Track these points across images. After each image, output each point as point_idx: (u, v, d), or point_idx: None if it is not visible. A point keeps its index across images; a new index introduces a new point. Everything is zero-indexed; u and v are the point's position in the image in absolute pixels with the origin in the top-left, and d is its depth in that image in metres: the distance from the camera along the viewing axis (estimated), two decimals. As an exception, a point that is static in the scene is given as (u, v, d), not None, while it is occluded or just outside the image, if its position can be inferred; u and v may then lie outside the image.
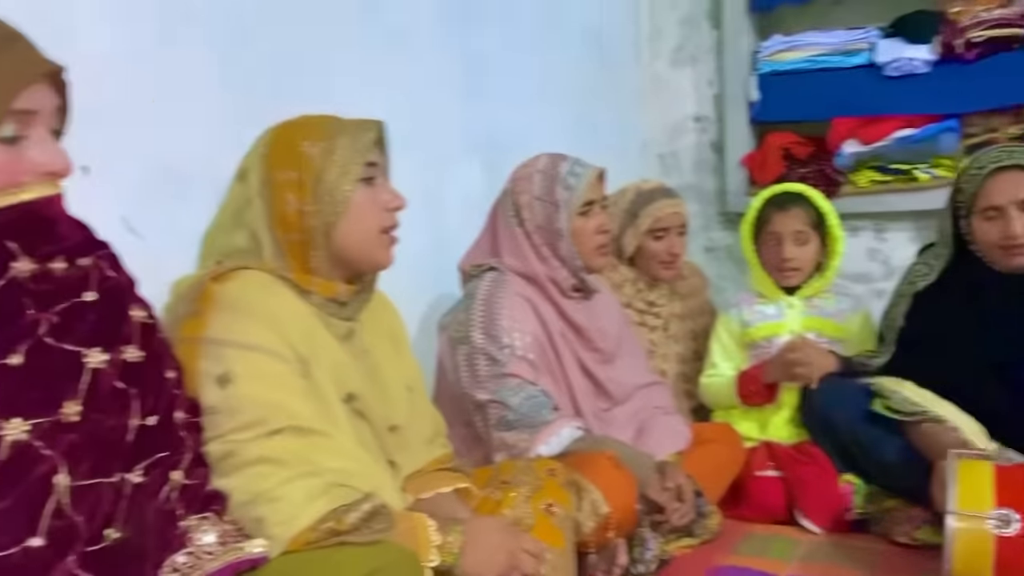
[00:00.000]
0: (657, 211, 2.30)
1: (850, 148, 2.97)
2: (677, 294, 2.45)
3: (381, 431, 1.31)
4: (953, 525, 1.52)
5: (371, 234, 1.27)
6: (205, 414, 1.09)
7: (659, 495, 1.80)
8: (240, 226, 1.24)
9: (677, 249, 2.32)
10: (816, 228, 2.25)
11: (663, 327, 2.40)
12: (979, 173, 1.91)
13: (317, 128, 1.25)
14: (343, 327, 1.28)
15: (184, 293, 1.18)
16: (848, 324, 2.28)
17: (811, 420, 2.12)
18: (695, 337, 2.48)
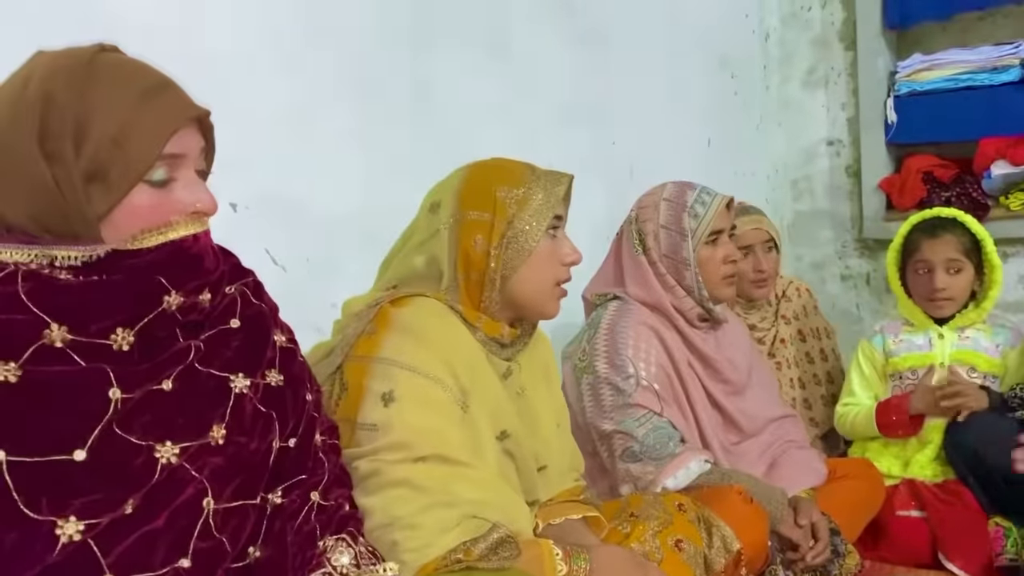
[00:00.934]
0: (738, 228, 2.23)
1: (999, 169, 2.81)
2: (781, 317, 2.37)
3: (529, 471, 1.33)
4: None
5: (547, 284, 1.30)
6: (364, 429, 1.14)
7: (792, 532, 1.73)
8: (423, 253, 1.30)
9: (764, 266, 2.25)
10: (970, 256, 2.12)
11: (768, 352, 2.33)
12: None
13: (513, 175, 1.30)
14: (502, 365, 1.32)
15: (360, 313, 1.25)
16: (1004, 359, 2.13)
17: (959, 457, 1.99)
18: (811, 360, 2.40)
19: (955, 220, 2.15)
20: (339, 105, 1.69)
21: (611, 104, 2.41)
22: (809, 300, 2.50)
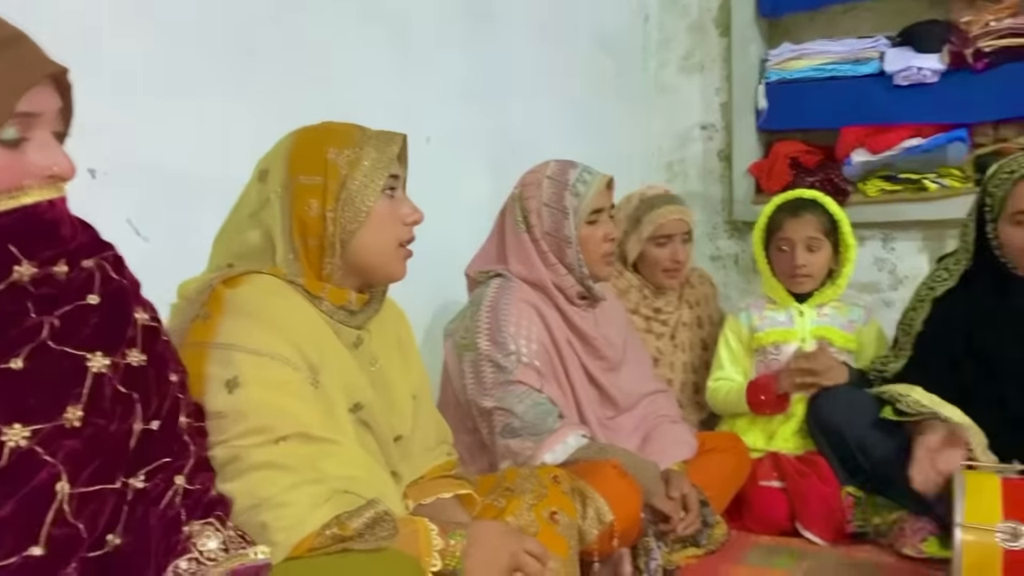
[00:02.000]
0: (660, 217, 2.29)
1: (859, 157, 2.96)
2: (685, 302, 2.44)
3: (385, 442, 1.31)
4: (961, 538, 1.50)
5: (389, 246, 1.27)
6: (211, 418, 1.09)
7: (664, 504, 1.79)
8: (256, 226, 1.24)
9: (681, 256, 2.31)
10: (828, 235, 2.24)
11: (670, 335, 2.38)
12: (1009, 178, 1.91)
13: (343, 136, 1.26)
14: (352, 335, 1.28)
15: (193, 296, 1.18)
16: (858, 335, 2.26)
17: (817, 430, 2.10)
18: (705, 347, 2.47)
19: (815, 201, 2.26)
20: (207, 67, 1.60)
21: (496, 80, 2.40)
22: (711, 288, 2.58)
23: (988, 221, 1.95)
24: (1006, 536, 1.48)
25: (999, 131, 2.86)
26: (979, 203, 1.99)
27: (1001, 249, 1.93)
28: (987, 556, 1.49)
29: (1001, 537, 1.48)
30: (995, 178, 1.95)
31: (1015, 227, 1.89)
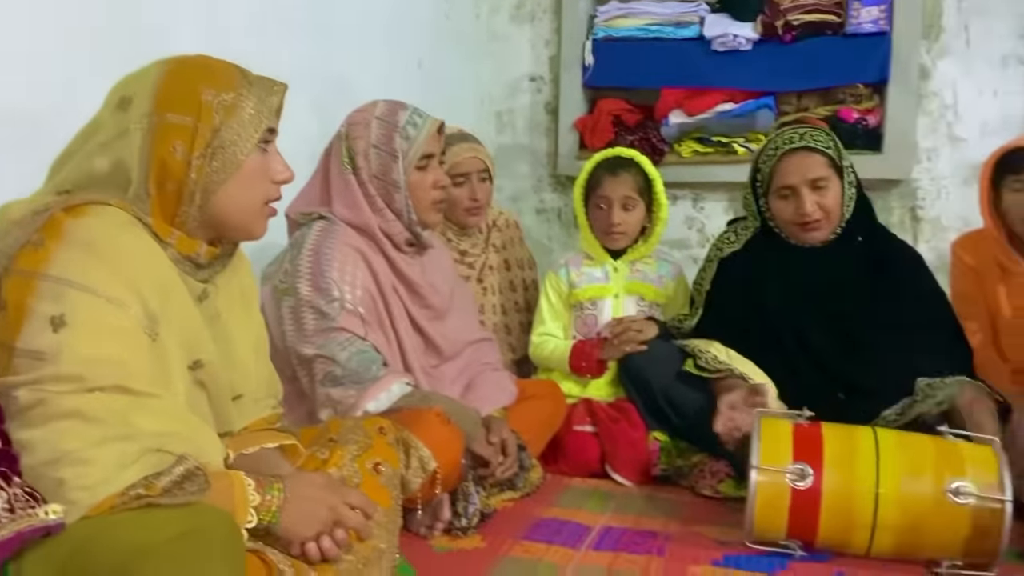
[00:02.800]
0: (455, 156, 2.28)
1: (676, 118, 3.09)
2: (491, 245, 2.47)
3: (223, 401, 1.24)
4: (756, 479, 1.62)
5: (255, 203, 1.19)
6: (24, 356, 0.98)
7: (484, 449, 1.81)
8: (107, 155, 1.12)
9: (479, 195, 2.31)
10: (643, 195, 2.31)
11: (476, 278, 2.41)
12: (774, 154, 2.00)
13: (222, 77, 1.15)
14: (197, 287, 1.19)
15: (23, 219, 1.05)
16: (667, 289, 2.37)
17: (628, 379, 2.20)
18: (514, 288, 2.52)
19: (633, 160, 2.33)
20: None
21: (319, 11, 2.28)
22: (516, 232, 2.60)
23: (760, 195, 2.05)
24: (794, 476, 1.62)
25: (801, 101, 3.07)
26: (751, 178, 2.08)
27: (774, 220, 2.05)
28: (777, 495, 1.62)
29: (790, 477, 1.62)
30: (763, 154, 2.03)
31: (782, 201, 1.99)
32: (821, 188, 1.96)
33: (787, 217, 2.01)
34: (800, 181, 1.96)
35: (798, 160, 1.97)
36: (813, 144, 1.97)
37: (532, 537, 1.75)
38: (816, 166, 1.96)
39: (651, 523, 1.84)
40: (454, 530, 1.72)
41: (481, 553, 1.67)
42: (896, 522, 1.58)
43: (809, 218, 1.97)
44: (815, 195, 1.96)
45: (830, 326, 2.00)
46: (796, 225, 2.00)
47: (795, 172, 1.96)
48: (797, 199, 1.97)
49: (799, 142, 1.98)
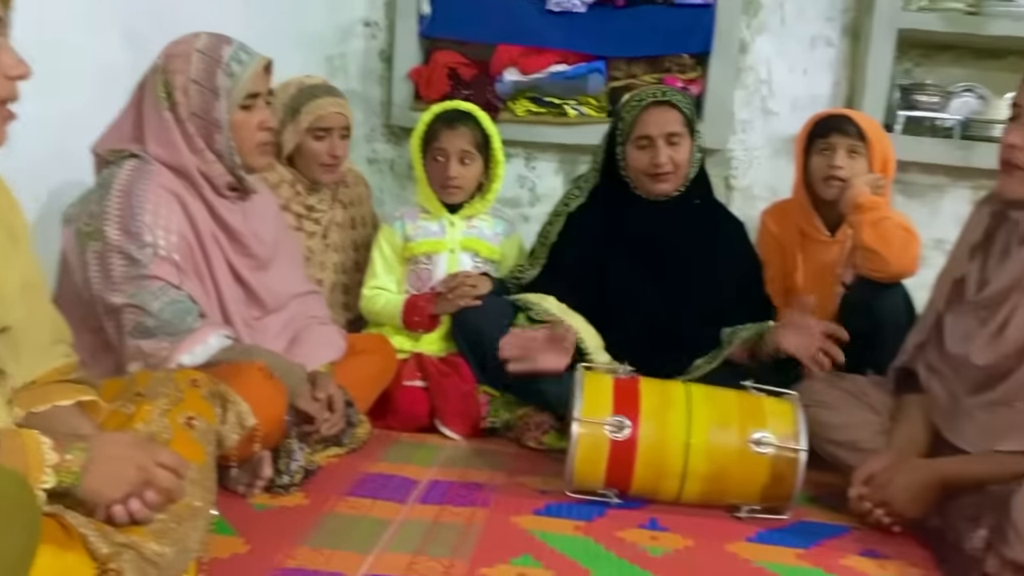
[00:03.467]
0: (320, 109, 2.20)
1: (510, 76, 3.09)
2: (339, 201, 2.39)
3: None
4: (577, 430, 1.68)
5: None
6: None
7: (309, 405, 1.77)
8: None
9: (339, 151, 2.25)
10: (481, 150, 2.31)
11: (322, 234, 2.33)
12: (638, 105, 2.13)
13: None
14: None
15: None
16: (502, 246, 2.39)
17: (460, 334, 2.20)
18: (356, 247, 2.46)
19: (472, 114, 2.32)
20: None
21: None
22: (365, 189, 2.53)
23: (618, 144, 2.17)
24: (613, 428, 1.68)
25: (631, 67, 3.15)
26: (612, 126, 2.20)
27: (627, 170, 2.17)
28: (597, 446, 1.68)
29: (609, 429, 1.68)
30: (627, 104, 2.17)
31: (639, 151, 2.13)
32: (675, 143, 2.11)
33: (641, 166, 2.13)
34: (658, 133, 2.10)
35: (659, 113, 2.11)
36: (674, 101, 2.13)
37: (357, 493, 1.72)
38: (673, 121, 2.11)
39: (477, 475, 1.86)
40: (275, 488, 1.67)
41: (304, 510, 1.63)
42: (704, 470, 1.68)
43: (661, 169, 2.11)
44: (669, 149, 2.10)
45: (660, 277, 2.13)
46: (648, 175, 2.13)
47: (654, 124, 2.11)
48: (653, 149, 2.11)
49: (662, 97, 2.13)
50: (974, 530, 1.46)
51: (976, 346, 1.66)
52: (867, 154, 2.19)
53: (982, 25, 2.85)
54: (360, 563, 1.44)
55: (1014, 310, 1.60)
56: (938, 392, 1.75)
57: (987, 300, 1.66)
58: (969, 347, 1.67)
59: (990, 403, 1.63)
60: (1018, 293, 1.59)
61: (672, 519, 1.69)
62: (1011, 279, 1.61)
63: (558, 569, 1.46)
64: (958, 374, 1.72)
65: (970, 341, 1.68)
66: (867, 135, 2.18)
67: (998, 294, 1.63)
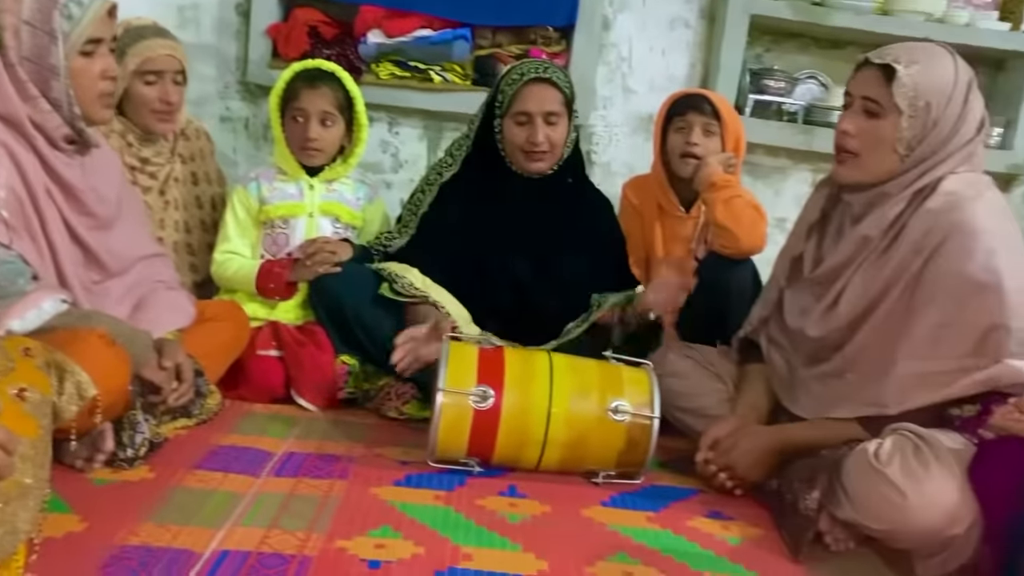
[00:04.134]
0: (148, 50, 2.07)
1: (374, 38, 3.01)
2: (178, 155, 2.26)
3: None
4: (441, 400, 1.67)
5: None
6: None
7: (155, 375, 1.68)
8: None
9: (173, 98, 2.12)
10: (343, 112, 2.23)
11: (159, 190, 2.20)
12: (518, 80, 2.10)
13: None
14: None
15: None
16: (363, 212, 2.33)
17: (318, 302, 2.14)
18: (201, 205, 2.34)
19: (334, 74, 2.24)
20: None
21: None
22: (207, 144, 2.39)
23: (496, 116, 2.15)
24: (477, 398, 1.68)
25: (496, 36, 3.13)
26: (491, 98, 2.17)
27: (503, 143, 2.15)
28: (460, 415, 1.68)
29: (473, 399, 1.68)
30: (508, 77, 2.14)
31: (517, 126, 2.12)
32: (553, 123, 2.11)
33: (518, 143, 2.11)
34: (537, 110, 2.09)
35: (539, 90, 2.09)
36: (555, 79, 2.10)
37: (206, 466, 1.65)
38: (553, 100, 2.10)
39: (335, 447, 1.82)
40: (117, 462, 1.57)
41: (148, 484, 1.55)
42: (564, 438, 1.71)
43: (538, 148, 2.10)
44: (547, 128, 2.10)
45: (531, 252, 2.14)
46: (524, 152, 2.12)
47: (534, 101, 2.09)
48: (531, 127, 2.09)
49: (544, 74, 2.10)
50: (808, 492, 1.56)
51: (811, 320, 1.77)
52: (721, 133, 2.27)
53: (826, 16, 3.02)
54: (210, 539, 1.38)
55: (846, 286, 1.71)
56: (778, 363, 1.86)
57: (821, 277, 1.77)
58: (805, 321, 1.78)
59: (823, 374, 1.75)
60: (850, 270, 1.70)
61: (531, 486, 1.72)
62: (844, 257, 1.71)
63: (417, 539, 1.45)
64: (795, 346, 1.83)
65: (806, 315, 1.79)
66: (722, 115, 2.26)
67: (832, 271, 1.74)
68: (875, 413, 1.60)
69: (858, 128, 1.65)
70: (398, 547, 1.41)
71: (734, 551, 1.54)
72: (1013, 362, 1.50)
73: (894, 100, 1.58)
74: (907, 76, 1.58)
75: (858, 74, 1.67)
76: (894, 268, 1.63)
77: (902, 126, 1.60)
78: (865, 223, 1.68)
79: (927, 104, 1.59)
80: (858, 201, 1.70)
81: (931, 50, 1.64)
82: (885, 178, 1.65)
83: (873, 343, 1.66)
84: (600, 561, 1.44)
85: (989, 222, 1.55)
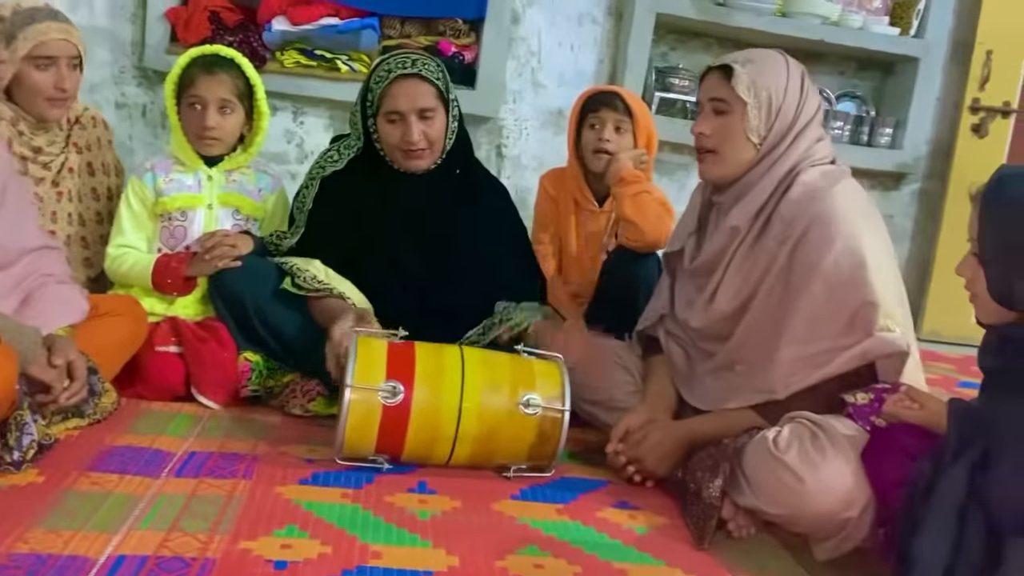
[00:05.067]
0: (41, 35, 1.96)
1: (279, 25, 2.95)
2: (73, 145, 2.16)
3: None
4: (349, 396, 1.64)
5: None
6: None
7: (45, 373, 1.59)
8: None
9: (67, 84, 2.02)
10: (243, 99, 2.17)
11: (52, 180, 2.10)
12: (385, 77, 1.99)
13: None
14: None
15: None
16: (265, 203, 2.27)
17: (218, 297, 2.07)
18: (97, 197, 2.24)
19: (233, 61, 2.17)
20: None
21: None
22: (104, 132, 2.28)
23: (368, 115, 2.04)
24: (386, 394, 1.66)
25: (404, 27, 3.11)
26: (362, 96, 2.06)
27: (380, 143, 2.05)
28: (369, 412, 1.65)
29: (382, 395, 1.65)
30: (375, 75, 2.02)
31: (389, 124, 2.00)
32: (428, 118, 2.00)
33: (393, 142, 2.02)
34: (409, 108, 1.98)
35: (409, 87, 1.98)
36: (425, 73, 1.99)
37: (101, 467, 1.58)
38: (425, 95, 1.99)
39: (239, 445, 1.77)
40: (3, 465, 1.49)
41: (36, 488, 1.47)
42: (475, 433, 1.70)
43: (414, 146, 2.00)
44: (422, 124, 1.99)
45: (424, 250, 2.08)
46: (401, 151, 2.03)
47: (405, 99, 1.98)
48: (404, 126, 1.99)
49: (411, 68, 1.98)
50: (712, 480, 1.60)
51: (694, 311, 1.83)
52: (633, 130, 2.30)
53: (728, 16, 3.11)
54: (105, 544, 1.32)
55: (722, 279, 1.78)
56: (677, 355, 1.91)
57: (699, 268, 1.84)
58: (689, 313, 1.84)
59: (716, 368, 1.81)
60: (724, 262, 1.78)
61: (441, 481, 1.71)
62: (717, 248, 1.78)
63: (324, 538, 1.42)
64: (688, 338, 1.88)
65: (691, 307, 1.85)
66: (634, 111, 2.30)
67: (707, 263, 1.81)
68: (765, 400, 1.67)
69: (711, 127, 1.74)
70: (305, 547, 1.38)
71: (641, 540, 1.57)
72: (883, 335, 1.59)
73: (737, 93, 1.69)
74: (744, 73, 1.70)
75: (704, 82, 1.78)
76: (764, 259, 1.71)
77: (749, 116, 1.70)
78: (732, 214, 1.76)
79: (768, 95, 1.70)
80: (727, 198, 1.79)
81: (763, 52, 1.78)
82: (746, 168, 1.74)
83: (755, 333, 1.73)
84: (510, 555, 1.44)
85: (847, 209, 1.65)
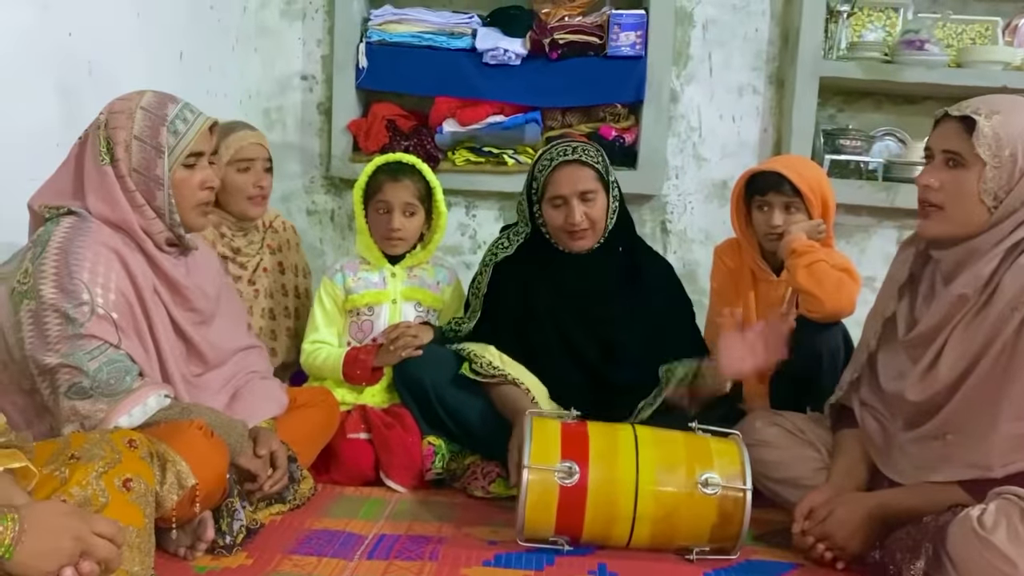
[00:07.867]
0: (239, 141, 2.22)
1: (449, 127, 3.13)
2: (267, 246, 2.39)
3: None
4: (527, 477, 1.67)
5: None
6: None
7: (251, 463, 1.73)
8: None
9: (264, 183, 2.26)
10: (423, 201, 2.32)
11: (248, 279, 2.32)
12: (548, 165, 2.11)
13: None
14: None
15: None
16: (443, 294, 2.39)
17: (402, 384, 2.19)
18: (286, 293, 2.45)
19: (414, 167, 2.34)
20: None
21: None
22: (294, 236, 2.52)
23: (534, 202, 2.16)
24: (563, 474, 1.68)
25: (566, 117, 3.22)
26: (527, 185, 2.19)
27: (546, 226, 2.16)
28: (546, 492, 1.68)
29: (559, 475, 1.68)
30: (538, 164, 2.15)
31: (554, 209, 2.11)
32: (589, 200, 2.09)
33: (558, 224, 2.11)
34: (570, 192, 2.08)
35: (570, 172, 2.09)
36: (584, 158, 2.10)
37: (302, 551, 1.69)
38: (586, 179, 2.09)
39: (425, 528, 1.84)
40: (218, 549, 1.62)
41: (247, 571, 1.59)
42: (653, 513, 1.69)
43: (577, 227, 2.09)
44: (583, 206, 2.09)
45: (592, 329, 2.13)
46: (565, 233, 2.12)
47: (566, 183, 2.08)
48: (567, 208, 2.09)
49: (572, 155, 2.10)
50: (913, 561, 1.50)
51: (909, 383, 1.71)
52: (805, 207, 2.22)
53: (897, 72, 3.00)
54: (308, 623, 1.40)
55: (944, 348, 1.65)
56: (872, 427, 1.80)
57: (918, 339, 1.71)
58: (903, 384, 1.72)
59: (922, 436, 1.69)
60: (946, 331, 1.65)
61: (621, 564, 1.69)
62: (939, 318, 1.66)
63: (509, 619, 1.44)
64: (892, 410, 1.77)
65: (904, 378, 1.73)
66: (801, 191, 2.19)
67: (928, 333, 1.69)
68: (979, 476, 1.54)
69: (941, 180, 1.62)
70: (490, 628, 1.41)
71: (838, 627, 1.48)
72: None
73: (976, 151, 1.56)
74: (988, 127, 1.56)
75: (937, 128, 1.66)
76: (991, 326, 1.58)
77: (987, 177, 1.57)
78: (959, 281, 1.63)
79: (1012, 154, 1.56)
80: (948, 258, 1.67)
81: (1012, 100, 1.62)
82: (974, 232, 1.61)
83: (974, 403, 1.60)
84: (697, 640, 1.41)
85: None
